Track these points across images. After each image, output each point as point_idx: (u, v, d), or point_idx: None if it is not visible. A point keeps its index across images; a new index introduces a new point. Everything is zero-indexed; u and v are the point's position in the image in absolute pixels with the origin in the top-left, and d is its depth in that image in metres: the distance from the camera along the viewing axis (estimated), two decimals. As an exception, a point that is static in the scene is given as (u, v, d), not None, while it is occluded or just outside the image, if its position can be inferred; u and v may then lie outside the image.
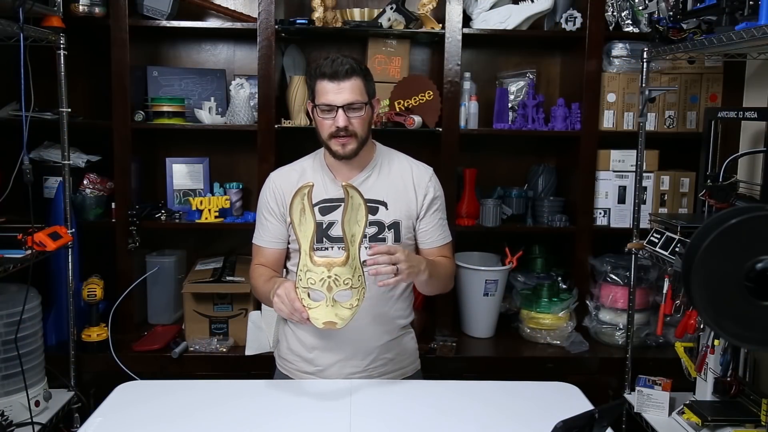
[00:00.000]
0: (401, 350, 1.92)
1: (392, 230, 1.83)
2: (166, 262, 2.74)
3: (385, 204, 1.84)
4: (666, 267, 2.16)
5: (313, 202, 1.79)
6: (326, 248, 1.80)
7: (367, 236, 1.80)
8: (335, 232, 1.80)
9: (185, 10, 2.69)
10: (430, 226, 1.90)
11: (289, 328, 1.94)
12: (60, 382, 2.37)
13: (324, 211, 1.82)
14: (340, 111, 1.73)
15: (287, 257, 1.95)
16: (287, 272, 1.96)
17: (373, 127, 2.60)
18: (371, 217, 1.78)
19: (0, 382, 2.09)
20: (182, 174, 2.85)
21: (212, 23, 2.73)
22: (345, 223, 1.53)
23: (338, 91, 1.73)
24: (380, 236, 1.82)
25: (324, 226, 1.81)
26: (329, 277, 1.54)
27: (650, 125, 2.69)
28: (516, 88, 2.91)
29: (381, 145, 1.96)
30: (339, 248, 1.78)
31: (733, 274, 1.31)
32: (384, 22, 2.63)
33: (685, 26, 2.08)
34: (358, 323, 1.67)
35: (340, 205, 1.70)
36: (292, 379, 1.92)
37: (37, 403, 2.17)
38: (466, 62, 2.81)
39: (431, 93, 2.63)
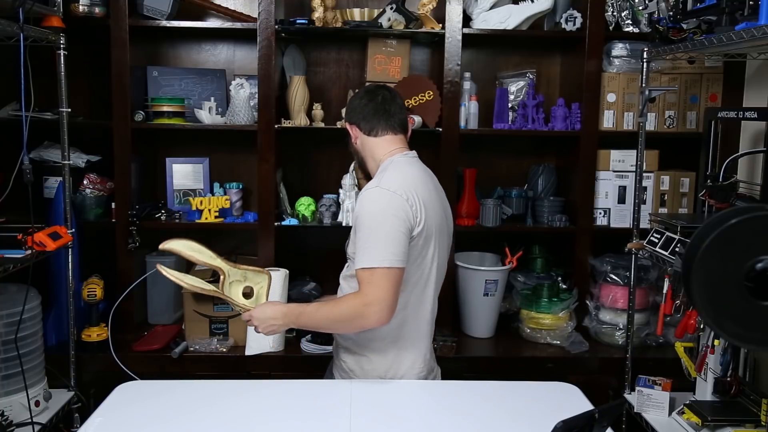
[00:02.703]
0: (339, 362, 1.94)
1: (348, 240, 1.90)
2: (166, 262, 2.71)
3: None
4: (666, 267, 2.16)
5: None
6: None
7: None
8: None
9: (185, 10, 2.69)
10: (355, 245, 1.77)
11: None
12: (60, 382, 2.37)
13: None
14: None
15: None
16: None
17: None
18: None
19: (0, 382, 2.09)
20: (182, 174, 2.85)
21: (212, 23, 2.73)
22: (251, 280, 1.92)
23: None
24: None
25: None
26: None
27: (650, 125, 2.69)
28: (516, 88, 2.91)
29: (387, 163, 1.88)
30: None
31: (733, 274, 1.31)
32: (384, 22, 2.63)
33: (685, 26, 2.08)
34: None
35: None
36: None
37: (37, 403, 2.17)
38: (466, 62, 2.81)
39: (431, 93, 2.63)
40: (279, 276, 2.41)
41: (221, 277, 1.86)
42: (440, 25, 2.61)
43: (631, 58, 2.68)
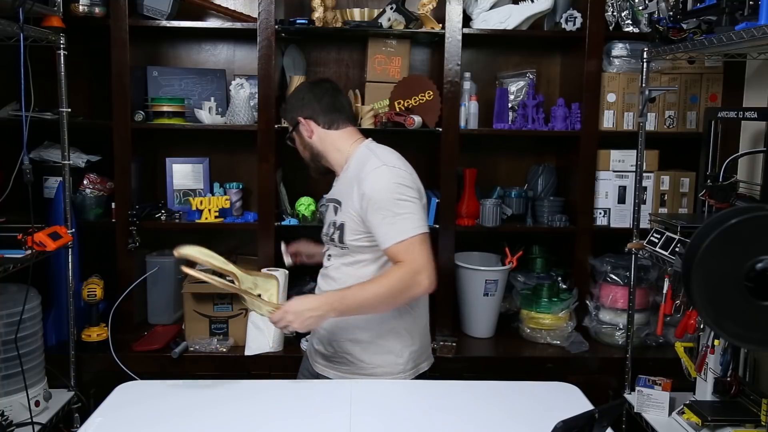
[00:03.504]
0: (356, 349, 1.90)
1: (339, 231, 1.87)
2: (166, 262, 2.74)
3: (340, 204, 1.89)
4: (666, 267, 2.16)
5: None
6: (323, 240, 1.97)
7: (329, 234, 1.92)
8: (324, 228, 1.96)
9: (185, 10, 2.69)
10: (373, 226, 1.77)
11: None
12: (60, 382, 2.37)
13: (323, 209, 1.99)
14: None
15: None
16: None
17: (375, 127, 2.65)
18: (334, 217, 1.91)
19: (0, 382, 2.09)
20: (182, 174, 2.85)
21: (212, 23, 2.73)
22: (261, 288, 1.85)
23: None
24: (332, 235, 1.89)
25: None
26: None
27: (650, 125, 2.69)
28: (516, 88, 2.91)
29: (363, 149, 1.90)
30: (326, 241, 1.95)
31: (733, 274, 1.31)
32: (384, 22, 2.63)
33: (685, 26, 2.08)
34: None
35: (327, 205, 1.97)
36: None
37: (37, 403, 2.17)
38: (466, 62, 2.81)
39: (431, 93, 2.63)
40: (279, 276, 2.41)
41: (236, 283, 1.81)
42: (440, 25, 2.61)
43: (631, 58, 2.68)
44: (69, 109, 2.37)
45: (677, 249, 2.02)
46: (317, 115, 1.92)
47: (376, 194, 1.75)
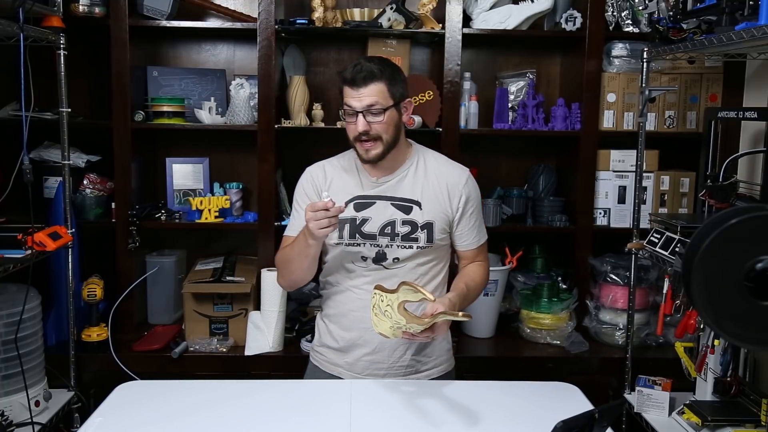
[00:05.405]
0: (430, 350, 1.90)
1: (425, 230, 1.84)
2: (166, 262, 2.74)
3: (419, 204, 1.85)
4: (666, 267, 2.16)
5: (348, 199, 1.85)
6: (358, 244, 1.83)
7: (399, 235, 1.83)
8: (368, 229, 1.83)
9: (185, 10, 2.69)
10: (466, 228, 1.91)
11: (323, 323, 1.96)
12: (60, 382, 2.37)
13: (358, 208, 1.85)
14: (360, 116, 1.76)
15: (323, 252, 1.91)
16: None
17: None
18: (405, 216, 1.84)
19: (0, 382, 2.09)
20: (182, 174, 2.85)
21: (212, 23, 2.73)
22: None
23: (357, 97, 1.76)
24: (413, 236, 1.83)
25: (357, 222, 1.83)
26: (400, 327, 1.60)
27: (650, 125, 2.69)
28: (516, 88, 2.91)
29: (418, 145, 1.94)
30: (371, 245, 1.83)
31: (733, 274, 1.31)
32: (384, 22, 2.63)
33: (685, 26, 2.08)
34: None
35: (374, 203, 1.84)
36: (322, 370, 1.94)
37: (37, 403, 2.17)
38: (466, 62, 2.81)
39: (431, 93, 2.63)
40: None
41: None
42: (440, 25, 2.62)
43: (631, 58, 2.68)
44: (69, 109, 2.37)
45: (677, 249, 2.02)
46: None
47: (477, 199, 1.93)
